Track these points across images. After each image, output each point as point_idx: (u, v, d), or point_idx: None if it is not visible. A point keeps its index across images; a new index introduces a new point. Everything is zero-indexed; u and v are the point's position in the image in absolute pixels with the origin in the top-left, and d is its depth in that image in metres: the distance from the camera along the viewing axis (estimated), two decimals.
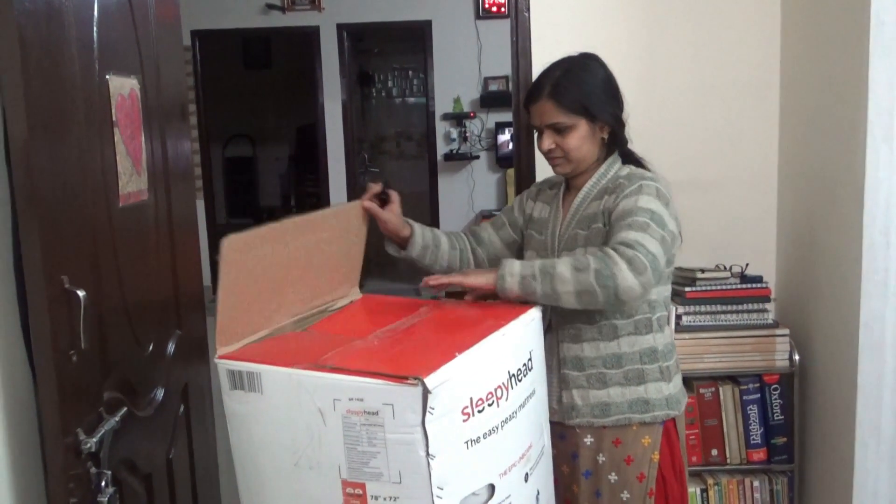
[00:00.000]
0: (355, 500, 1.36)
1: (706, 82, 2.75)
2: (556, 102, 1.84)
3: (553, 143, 1.88)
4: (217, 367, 1.47)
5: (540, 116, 1.88)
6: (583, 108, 1.85)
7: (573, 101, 1.84)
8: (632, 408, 1.85)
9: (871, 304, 2.15)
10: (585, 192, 1.92)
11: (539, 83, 1.89)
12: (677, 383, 1.93)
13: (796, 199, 2.65)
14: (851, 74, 2.18)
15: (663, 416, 1.87)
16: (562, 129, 1.86)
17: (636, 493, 1.86)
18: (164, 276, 1.94)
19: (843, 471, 2.29)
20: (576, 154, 1.87)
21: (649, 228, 1.71)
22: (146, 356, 1.80)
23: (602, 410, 1.85)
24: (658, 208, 1.76)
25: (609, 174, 1.91)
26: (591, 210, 1.88)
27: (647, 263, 1.64)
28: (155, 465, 1.83)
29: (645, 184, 1.81)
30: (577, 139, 1.86)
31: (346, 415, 1.33)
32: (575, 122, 1.85)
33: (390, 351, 1.50)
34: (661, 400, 1.86)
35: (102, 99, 1.60)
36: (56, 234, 1.38)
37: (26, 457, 1.44)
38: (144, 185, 1.80)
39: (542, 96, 1.86)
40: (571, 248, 1.88)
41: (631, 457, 1.86)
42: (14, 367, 1.41)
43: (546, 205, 2.04)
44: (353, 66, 7.76)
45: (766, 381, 2.62)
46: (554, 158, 1.91)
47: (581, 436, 1.88)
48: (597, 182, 1.91)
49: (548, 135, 1.88)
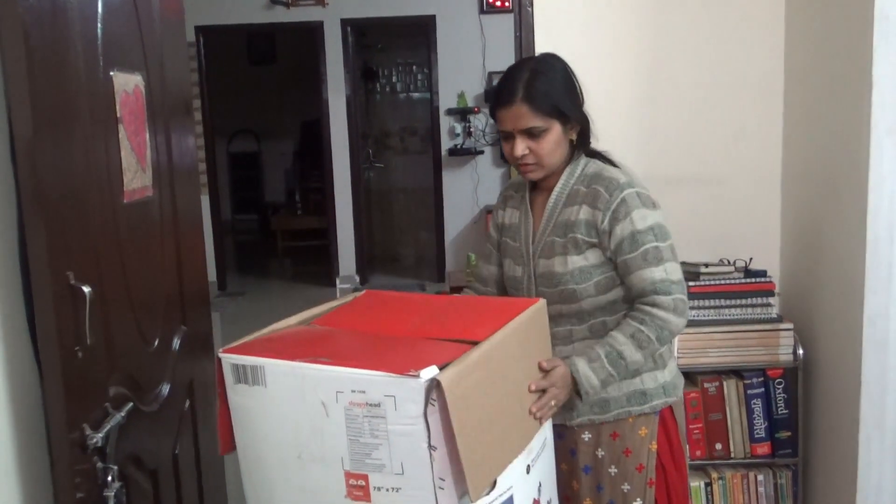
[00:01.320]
0: (358, 491, 1.38)
1: (710, 77, 2.74)
2: (531, 106, 1.76)
3: (526, 149, 1.80)
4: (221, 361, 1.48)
5: (513, 121, 1.79)
6: (556, 111, 1.78)
7: (547, 103, 1.77)
8: (630, 401, 1.84)
9: (876, 299, 2.15)
10: (556, 195, 1.87)
11: (510, 86, 1.79)
12: (672, 368, 1.92)
13: (800, 194, 2.65)
14: (855, 69, 2.18)
15: (661, 405, 1.87)
16: (536, 133, 1.78)
17: (636, 484, 1.86)
18: (169, 271, 1.95)
19: (847, 464, 2.29)
20: (549, 159, 1.81)
21: (663, 253, 1.76)
22: (151, 352, 1.81)
23: (601, 407, 1.85)
24: (653, 219, 1.77)
25: (576, 173, 1.86)
26: (566, 216, 1.84)
27: (683, 296, 1.77)
28: (161, 461, 1.84)
29: (627, 195, 1.77)
30: (551, 143, 1.79)
31: (348, 407, 1.34)
32: (549, 125, 1.78)
33: (393, 345, 1.51)
34: (657, 388, 1.86)
35: (107, 96, 1.60)
36: (61, 230, 1.39)
37: (33, 452, 1.45)
38: (149, 182, 1.81)
39: (515, 100, 1.77)
40: (549, 257, 1.84)
41: (629, 448, 1.85)
42: (20, 363, 1.42)
43: (515, 209, 1.98)
44: (357, 61, 7.76)
45: (769, 375, 2.62)
46: (526, 165, 1.83)
47: (579, 433, 1.88)
48: (566, 183, 1.86)
49: (520, 140, 1.79)
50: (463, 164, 7.35)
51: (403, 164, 8.81)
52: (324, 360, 1.37)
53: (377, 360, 1.36)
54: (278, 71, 9.64)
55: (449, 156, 7.32)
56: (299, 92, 9.16)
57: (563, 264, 1.82)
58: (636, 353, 1.73)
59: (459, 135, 7.28)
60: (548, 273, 1.84)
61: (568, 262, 1.81)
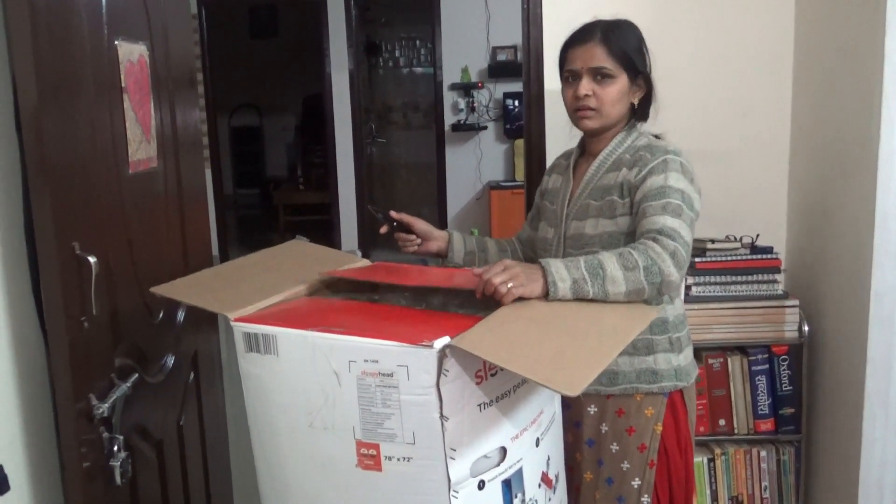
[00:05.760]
0: (369, 460, 1.38)
1: (719, 50, 2.72)
2: (607, 47, 1.80)
3: (591, 90, 1.82)
4: (233, 330, 1.48)
5: (585, 59, 1.82)
6: (629, 61, 1.82)
7: (622, 51, 1.81)
8: (639, 377, 1.85)
9: (883, 275, 2.14)
10: (601, 160, 1.88)
11: (589, 27, 1.85)
12: (688, 355, 1.91)
13: (808, 170, 2.63)
14: (867, 42, 2.15)
15: (671, 388, 1.86)
16: (605, 76, 1.81)
17: (636, 463, 1.86)
18: (174, 243, 1.95)
19: (851, 441, 2.29)
20: (609, 108, 1.83)
21: (683, 214, 1.68)
22: (156, 324, 1.81)
23: (609, 379, 1.85)
24: (687, 187, 1.73)
25: (626, 143, 1.87)
26: (606, 181, 1.84)
27: (686, 256, 1.62)
28: (166, 432, 1.85)
29: (670, 158, 1.76)
30: (614, 92, 1.82)
31: (360, 376, 1.34)
32: (618, 73, 1.81)
33: (406, 317, 1.51)
34: (669, 371, 1.85)
35: (111, 65, 1.59)
36: (67, 200, 1.38)
37: (39, 422, 1.45)
38: (154, 153, 1.80)
39: (592, 38, 1.82)
40: (582, 219, 1.85)
41: (633, 427, 1.85)
42: (26, 333, 1.41)
43: (559, 175, 2.02)
44: (360, 35, 7.70)
45: (774, 351, 2.62)
46: (585, 109, 1.83)
47: (585, 404, 1.89)
48: (613, 150, 1.87)
49: (587, 80, 1.82)
50: (466, 140, 7.32)
51: (406, 139, 8.77)
52: (337, 330, 1.37)
53: (390, 331, 1.36)
54: (281, 45, 9.58)
55: (452, 131, 7.29)
56: (301, 66, 9.10)
57: (594, 227, 1.82)
58: (618, 270, 1.55)
59: (463, 110, 7.25)
60: (577, 235, 1.85)
61: (598, 226, 1.82)
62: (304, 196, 8.94)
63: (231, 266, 1.85)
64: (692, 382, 1.92)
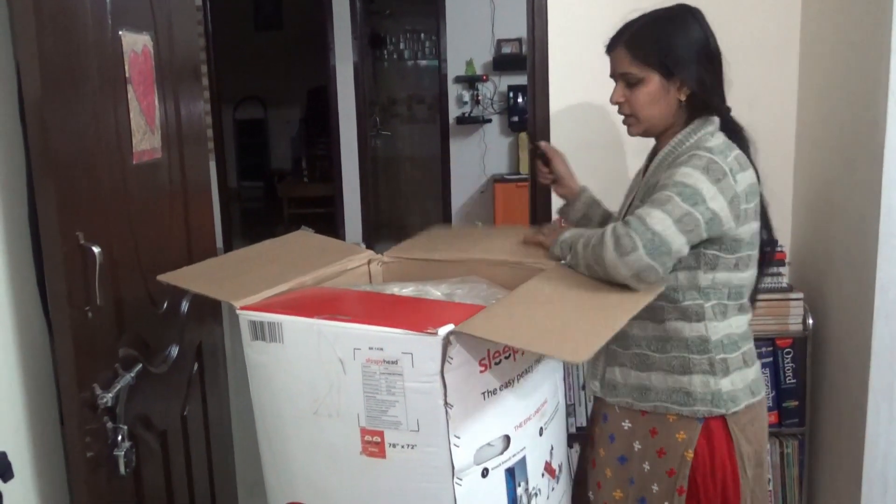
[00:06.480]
0: (373, 447, 1.39)
1: (724, 42, 2.68)
2: (631, 52, 1.72)
3: (622, 97, 1.75)
4: (237, 320, 1.48)
5: (615, 65, 1.76)
6: (658, 62, 1.70)
7: (648, 52, 1.70)
8: (671, 397, 1.73)
9: (888, 268, 2.13)
10: (659, 160, 1.77)
11: (620, 30, 1.76)
12: (735, 381, 1.73)
13: (813, 162, 2.62)
14: (873, 35, 2.14)
15: (705, 413, 1.71)
16: (632, 81, 1.73)
17: (664, 487, 1.75)
18: (178, 234, 1.95)
19: (855, 435, 2.29)
20: (644, 113, 1.74)
21: (668, 204, 1.58)
22: (160, 314, 1.81)
23: (641, 394, 1.76)
24: (696, 182, 1.60)
25: (689, 141, 1.73)
26: (654, 181, 1.73)
27: (637, 244, 1.52)
28: (170, 422, 1.85)
29: (697, 154, 1.65)
30: (645, 95, 1.72)
31: (365, 364, 1.35)
32: (646, 75, 1.71)
33: (411, 306, 1.52)
34: (705, 395, 1.71)
35: (115, 55, 1.59)
36: (70, 191, 1.38)
37: (44, 411, 1.45)
38: (158, 144, 1.80)
39: (618, 43, 1.74)
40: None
41: (663, 449, 1.74)
42: (31, 323, 1.42)
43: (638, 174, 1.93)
44: (364, 28, 7.68)
45: (778, 344, 2.62)
46: (624, 117, 1.79)
47: (620, 419, 1.81)
48: (672, 150, 1.75)
49: (621, 86, 1.76)
50: (470, 133, 7.31)
51: (410, 132, 8.76)
52: (342, 318, 1.37)
53: (395, 319, 1.36)
54: (285, 37, 9.55)
55: (457, 124, 7.28)
56: (306, 59, 9.06)
57: None
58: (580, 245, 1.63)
59: (467, 103, 7.23)
60: None
61: None
62: (309, 189, 8.93)
63: (236, 256, 1.86)
64: (738, 411, 1.73)
